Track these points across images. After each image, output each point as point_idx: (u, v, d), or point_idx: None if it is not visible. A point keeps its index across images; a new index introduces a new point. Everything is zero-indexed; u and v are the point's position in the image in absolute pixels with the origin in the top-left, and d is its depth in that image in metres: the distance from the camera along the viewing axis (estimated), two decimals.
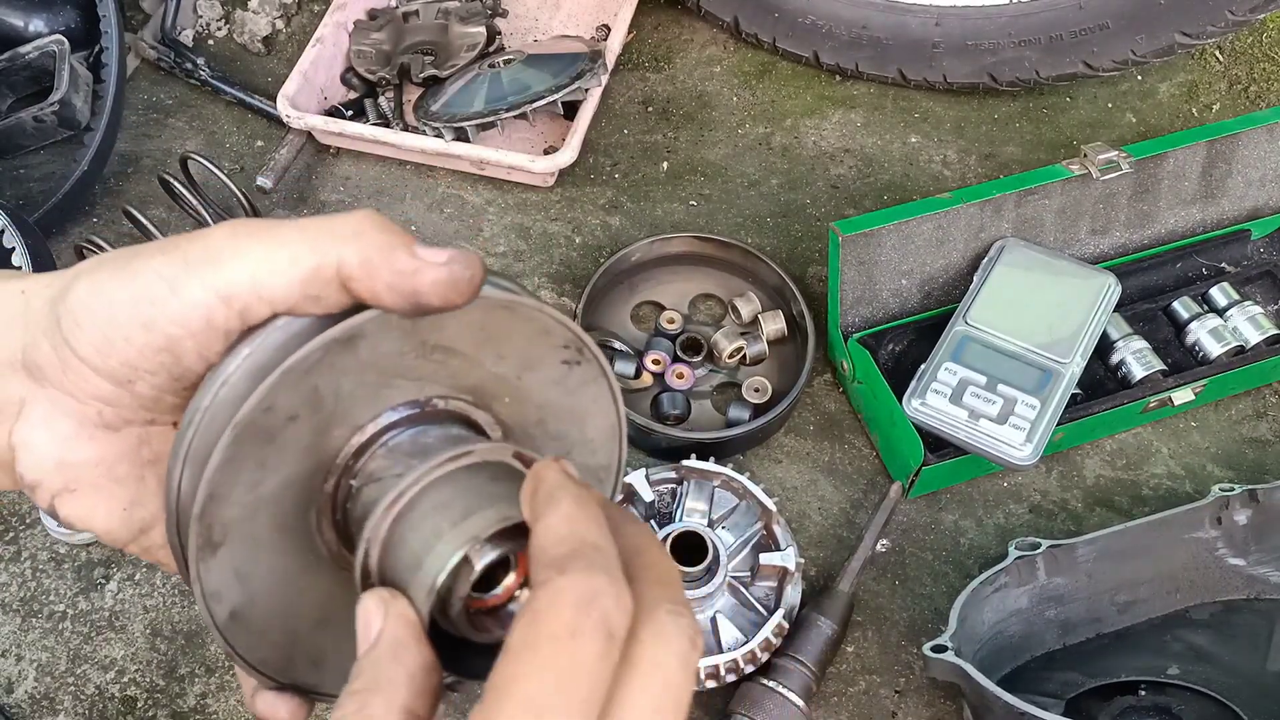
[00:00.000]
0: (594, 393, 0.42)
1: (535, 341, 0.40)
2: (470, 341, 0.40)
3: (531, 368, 0.41)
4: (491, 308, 0.39)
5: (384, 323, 0.37)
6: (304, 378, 0.36)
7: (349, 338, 0.36)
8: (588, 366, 0.41)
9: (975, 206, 0.97)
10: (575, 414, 0.42)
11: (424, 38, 1.23)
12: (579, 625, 0.32)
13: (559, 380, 0.41)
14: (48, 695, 0.89)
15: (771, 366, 1.04)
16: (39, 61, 1.13)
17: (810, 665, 0.85)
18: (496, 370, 0.40)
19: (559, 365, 0.41)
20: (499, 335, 0.40)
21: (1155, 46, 1.10)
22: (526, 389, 0.41)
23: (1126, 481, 0.99)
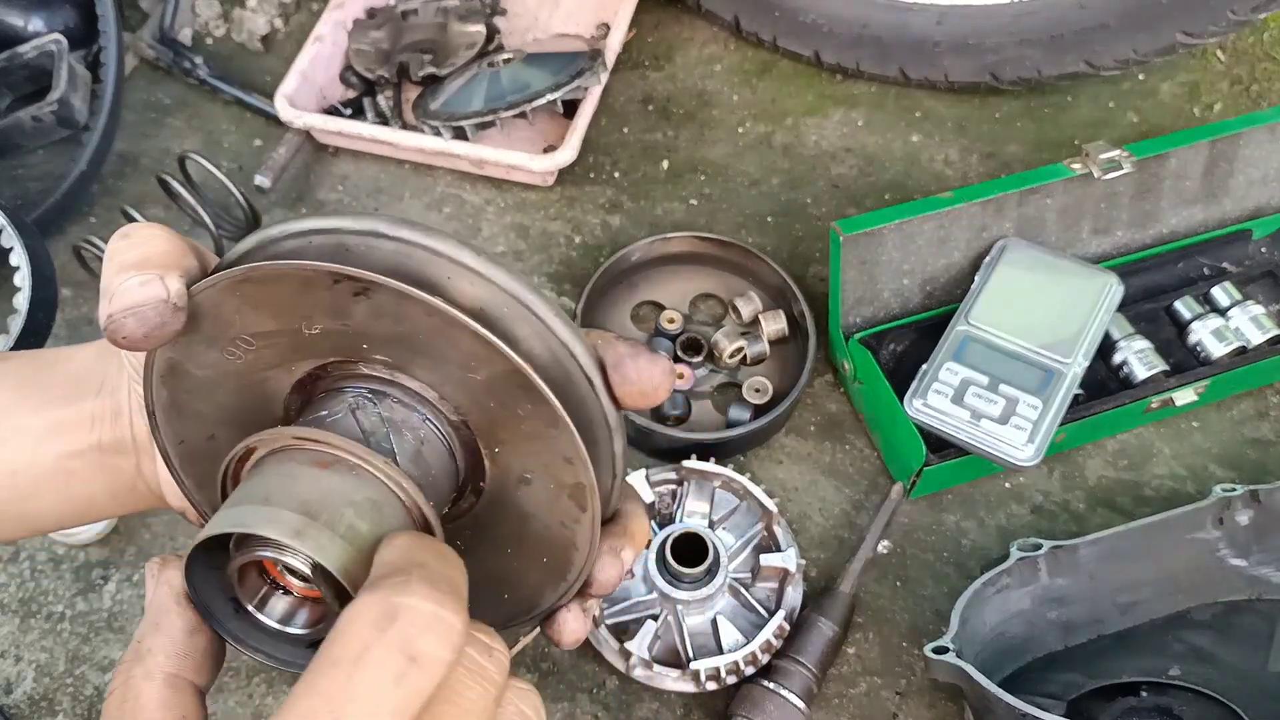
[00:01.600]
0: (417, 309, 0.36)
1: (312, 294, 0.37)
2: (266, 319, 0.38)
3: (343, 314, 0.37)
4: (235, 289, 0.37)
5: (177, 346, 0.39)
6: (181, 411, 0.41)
7: (168, 369, 0.40)
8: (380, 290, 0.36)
9: (977, 206, 0.96)
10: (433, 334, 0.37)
11: (423, 36, 1.22)
12: (367, 648, 0.30)
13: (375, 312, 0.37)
14: (46, 696, 0.88)
15: (772, 367, 1.04)
16: (37, 61, 1.13)
17: (811, 667, 0.85)
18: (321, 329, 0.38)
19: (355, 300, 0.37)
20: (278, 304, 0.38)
21: (1157, 46, 1.10)
22: (363, 330, 0.38)
23: (1128, 482, 0.99)
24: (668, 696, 0.88)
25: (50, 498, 0.47)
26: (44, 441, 0.46)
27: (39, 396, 0.47)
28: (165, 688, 0.35)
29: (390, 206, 1.16)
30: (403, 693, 0.30)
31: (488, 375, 0.37)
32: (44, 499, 0.47)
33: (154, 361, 0.40)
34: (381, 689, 0.30)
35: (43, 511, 0.48)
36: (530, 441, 0.39)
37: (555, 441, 0.38)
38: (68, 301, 1.09)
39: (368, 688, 0.30)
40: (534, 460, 0.39)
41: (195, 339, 0.39)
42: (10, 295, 0.90)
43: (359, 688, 0.30)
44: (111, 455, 0.46)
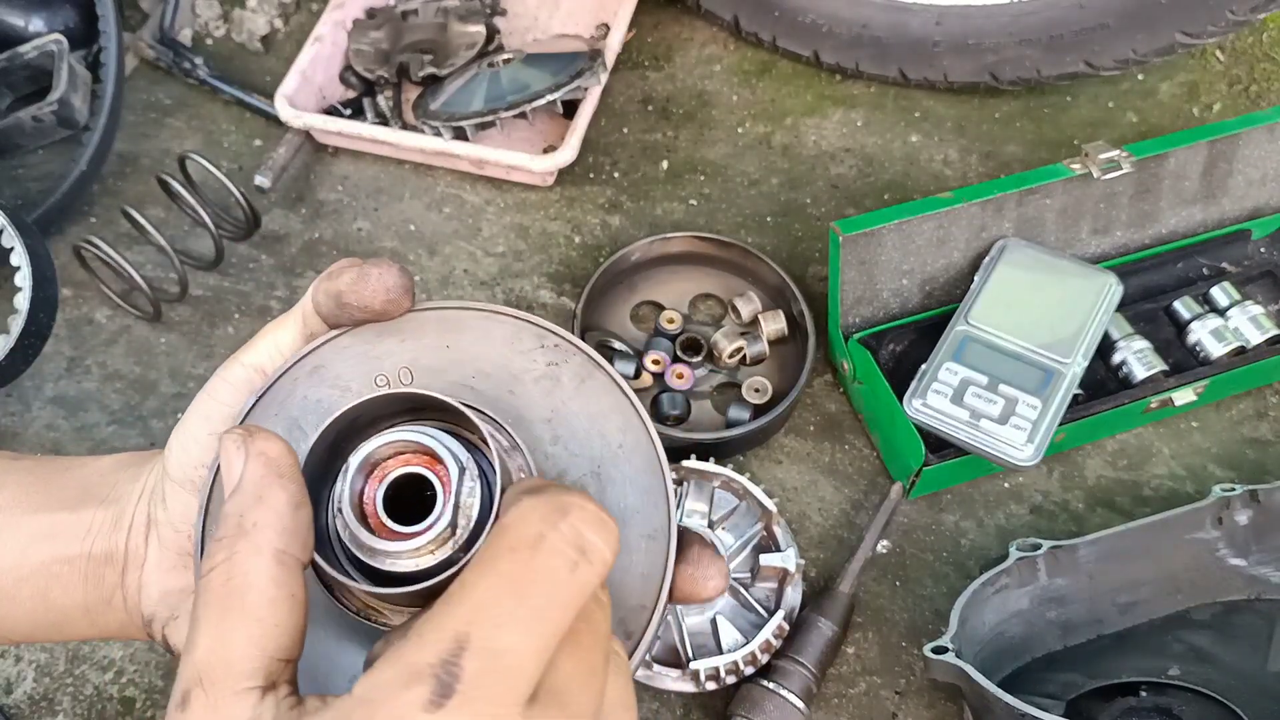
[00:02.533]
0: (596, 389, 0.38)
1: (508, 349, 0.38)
2: (439, 360, 0.39)
3: (518, 379, 0.39)
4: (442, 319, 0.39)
5: (343, 350, 0.40)
6: (280, 410, 0.41)
7: (313, 367, 0.41)
8: (576, 362, 0.38)
9: (976, 206, 0.97)
10: (588, 419, 0.39)
11: (423, 36, 1.22)
12: (543, 536, 0.31)
13: (552, 387, 0.38)
14: (46, 696, 0.88)
15: (771, 367, 1.04)
16: (38, 61, 1.13)
17: (811, 667, 0.85)
18: (483, 388, 0.39)
19: (545, 368, 0.38)
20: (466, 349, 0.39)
21: (1156, 46, 1.10)
22: (523, 404, 0.39)
23: (1128, 482, 0.99)
24: (667, 696, 0.88)
25: (27, 604, 0.47)
26: (35, 543, 0.46)
27: (42, 498, 0.47)
28: (275, 564, 0.34)
29: (390, 207, 1.16)
30: (577, 582, 0.31)
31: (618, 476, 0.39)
32: (21, 604, 0.47)
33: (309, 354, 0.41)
34: (559, 575, 0.31)
35: (17, 617, 0.47)
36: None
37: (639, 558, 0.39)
38: (68, 301, 1.09)
39: (547, 572, 0.30)
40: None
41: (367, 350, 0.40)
42: (11, 295, 0.90)
43: (539, 572, 0.30)
44: (99, 564, 0.46)
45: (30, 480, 0.48)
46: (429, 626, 0.30)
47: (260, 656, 0.33)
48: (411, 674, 0.29)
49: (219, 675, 0.32)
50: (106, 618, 0.47)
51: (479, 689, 0.29)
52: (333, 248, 1.13)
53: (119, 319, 1.08)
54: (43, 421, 1.02)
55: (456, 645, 0.29)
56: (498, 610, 0.30)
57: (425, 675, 0.29)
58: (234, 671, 0.32)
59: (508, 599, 0.30)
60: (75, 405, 1.03)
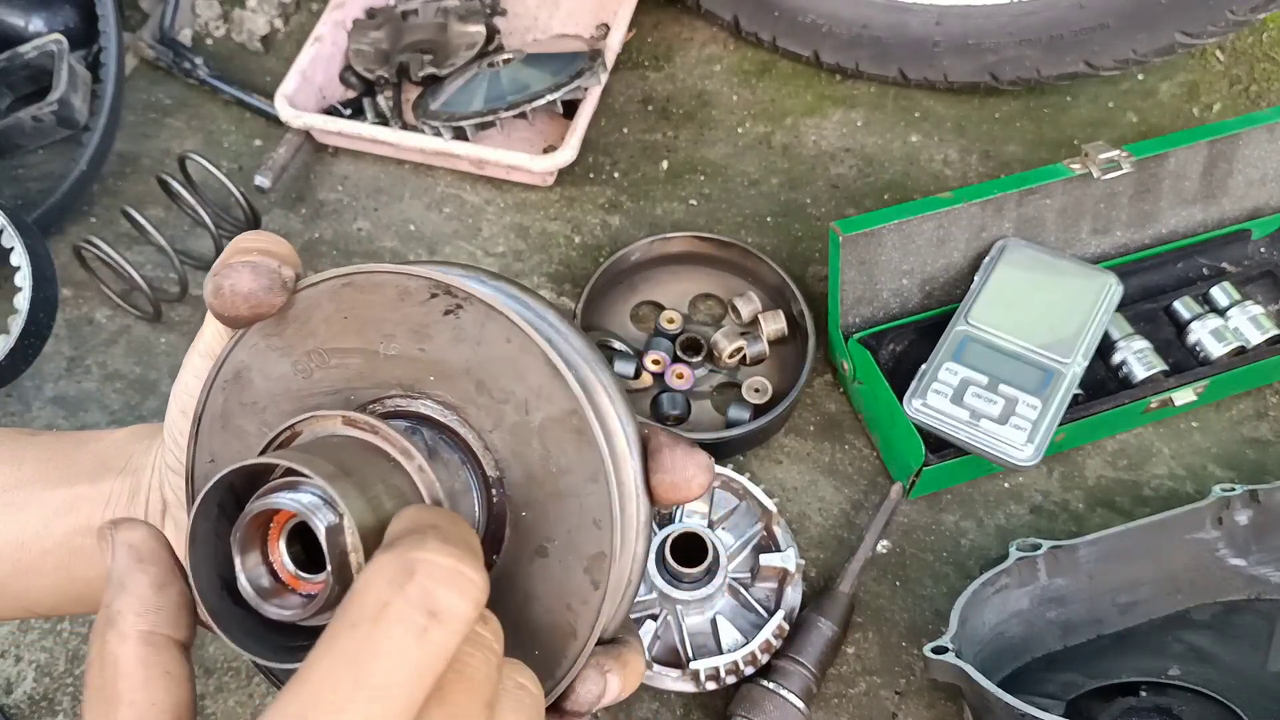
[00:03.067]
0: (500, 332, 0.37)
1: (404, 307, 0.37)
2: (349, 334, 0.39)
3: (424, 335, 0.38)
4: (335, 293, 0.38)
5: (254, 349, 0.40)
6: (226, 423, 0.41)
7: (234, 374, 0.40)
8: (471, 306, 0.37)
9: (976, 206, 0.97)
10: (503, 364, 0.37)
11: (423, 36, 1.22)
12: (387, 604, 0.29)
13: (456, 336, 0.37)
14: (46, 696, 0.88)
15: (771, 366, 1.04)
16: (38, 61, 1.13)
17: (811, 667, 0.85)
18: (397, 351, 0.38)
19: (443, 319, 0.37)
20: (367, 316, 0.38)
21: (1156, 46, 1.10)
22: (436, 359, 0.38)
23: (1128, 482, 0.99)
24: (667, 696, 0.88)
25: (51, 576, 0.47)
26: (58, 515, 0.47)
27: (62, 472, 0.48)
28: (142, 645, 0.34)
29: (390, 207, 1.16)
30: (427, 650, 0.29)
31: (543, 417, 0.37)
32: (45, 576, 0.47)
33: (224, 361, 0.41)
34: (405, 646, 0.29)
35: (42, 589, 0.48)
36: (562, 501, 0.38)
37: (589, 500, 0.37)
38: (68, 302, 1.09)
39: (390, 645, 0.28)
40: (559, 525, 0.38)
41: (274, 342, 0.40)
42: (11, 295, 0.90)
43: (381, 645, 0.28)
44: None
45: (49, 455, 0.49)
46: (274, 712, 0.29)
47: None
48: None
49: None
50: None
51: None
52: (333, 248, 1.13)
53: (119, 319, 1.08)
54: (43, 421, 1.02)
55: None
56: (335, 696, 0.28)
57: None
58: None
59: (345, 681, 0.28)
60: (75, 405, 1.03)
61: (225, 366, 0.41)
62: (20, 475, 0.48)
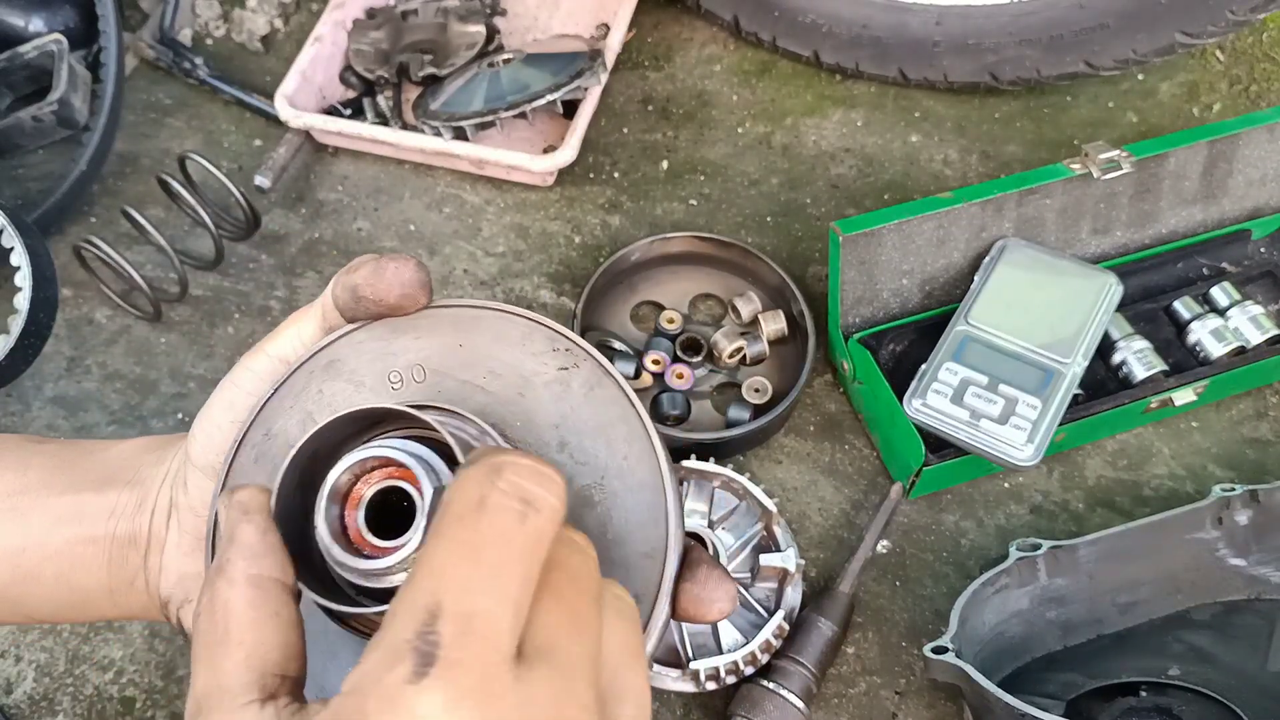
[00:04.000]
0: (604, 397, 0.38)
1: (520, 351, 0.38)
2: (459, 363, 0.39)
3: (529, 382, 0.38)
4: (459, 320, 0.39)
5: (358, 346, 0.40)
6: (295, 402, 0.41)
7: (327, 363, 0.41)
8: (587, 368, 0.38)
9: (976, 206, 0.97)
10: (595, 428, 0.38)
11: (423, 36, 1.22)
12: (484, 498, 0.31)
13: (561, 392, 0.38)
14: (46, 696, 0.88)
15: (771, 366, 1.04)
16: (38, 61, 1.13)
17: (811, 667, 0.85)
18: (493, 389, 0.39)
19: (556, 373, 0.38)
20: (483, 351, 0.38)
21: (1156, 46, 1.10)
22: (532, 407, 0.38)
23: (1128, 482, 0.99)
24: (667, 696, 0.88)
25: (50, 584, 0.47)
26: (60, 523, 0.47)
27: (67, 480, 0.48)
28: (250, 588, 0.35)
29: (390, 207, 1.16)
30: (529, 532, 0.31)
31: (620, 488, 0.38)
32: (44, 584, 0.47)
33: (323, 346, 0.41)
34: (510, 529, 0.31)
35: (41, 597, 0.48)
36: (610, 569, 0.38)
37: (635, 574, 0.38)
38: (68, 302, 1.09)
39: (497, 530, 0.30)
40: None
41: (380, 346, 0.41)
42: (11, 295, 0.90)
43: (489, 531, 0.30)
44: (123, 546, 0.47)
45: (56, 463, 0.49)
46: (398, 608, 0.30)
47: (249, 674, 0.33)
48: (391, 654, 0.29)
49: (215, 700, 0.33)
50: (129, 599, 0.48)
51: (459, 653, 0.29)
52: (333, 247, 1.13)
53: (119, 319, 1.08)
54: (43, 421, 1.02)
55: (428, 616, 0.29)
56: (457, 575, 0.30)
57: (404, 652, 0.29)
58: (228, 693, 0.33)
59: (464, 563, 0.30)
60: (75, 405, 1.03)
61: (322, 353, 0.41)
62: (25, 481, 0.48)
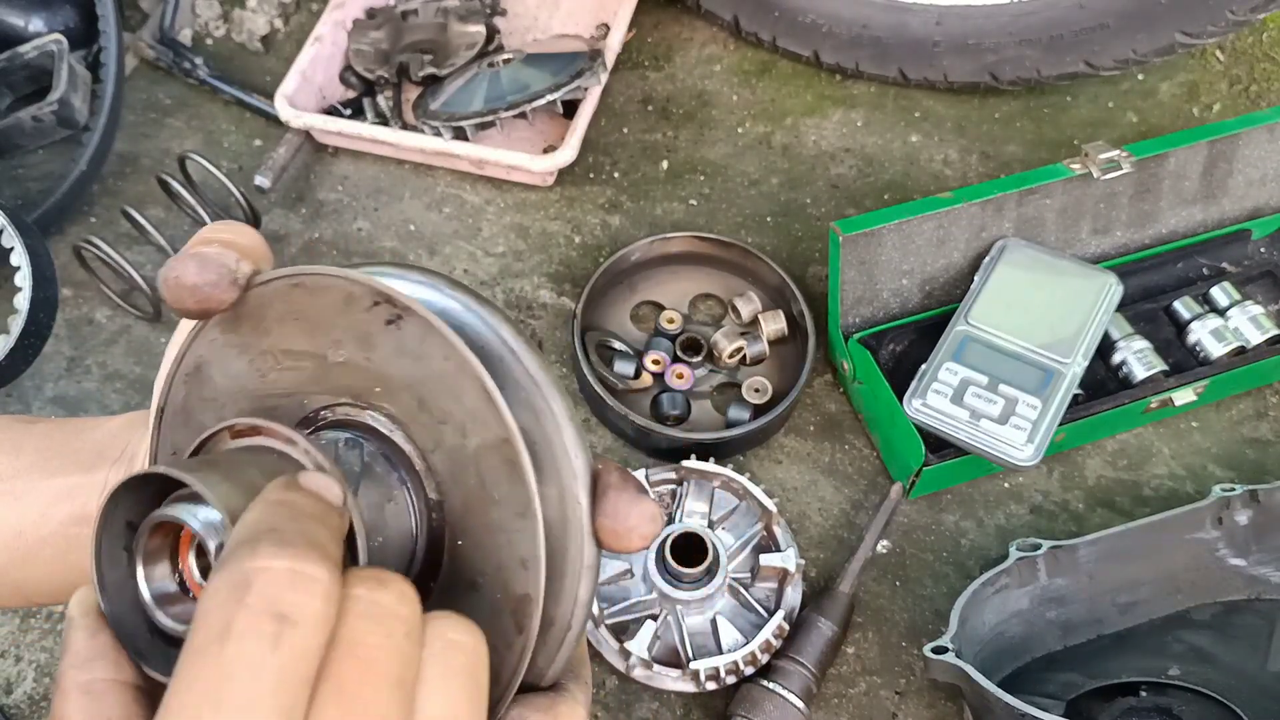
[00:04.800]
0: (439, 348, 0.35)
1: (350, 314, 0.36)
2: (301, 336, 0.37)
3: (369, 344, 0.36)
4: (285, 294, 0.37)
5: (213, 344, 0.39)
6: (187, 419, 0.40)
7: (194, 367, 0.40)
8: (411, 319, 0.35)
9: (976, 206, 0.97)
10: (441, 382, 0.35)
11: (423, 36, 1.22)
12: (229, 622, 0.27)
13: (399, 348, 0.36)
14: (47, 696, 0.88)
15: (771, 366, 1.04)
16: (38, 61, 1.13)
17: (810, 667, 0.85)
18: (345, 359, 0.37)
19: (385, 329, 0.36)
20: (317, 319, 0.37)
21: (1156, 46, 1.10)
22: (381, 370, 0.36)
23: (1128, 482, 0.99)
24: (667, 696, 0.88)
25: (48, 565, 0.47)
26: (55, 504, 0.47)
27: (59, 461, 0.48)
28: (81, 697, 0.33)
29: (390, 207, 1.16)
30: (284, 655, 0.27)
31: (479, 443, 0.35)
32: (42, 565, 0.47)
33: (184, 354, 0.40)
34: (260, 657, 0.27)
35: (39, 578, 0.48)
36: (493, 535, 0.36)
37: (517, 538, 0.35)
38: (68, 301, 1.09)
39: (244, 660, 0.27)
40: (490, 560, 0.36)
41: (231, 339, 0.39)
42: (11, 295, 0.90)
43: (233, 664, 0.27)
44: None
45: (47, 444, 0.49)
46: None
47: None
48: None
49: None
50: None
51: None
52: (333, 247, 1.13)
53: (119, 319, 1.08)
54: None
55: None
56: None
57: None
58: None
59: (206, 710, 0.26)
60: (75, 405, 1.03)
61: (186, 359, 0.40)
62: (18, 464, 0.48)
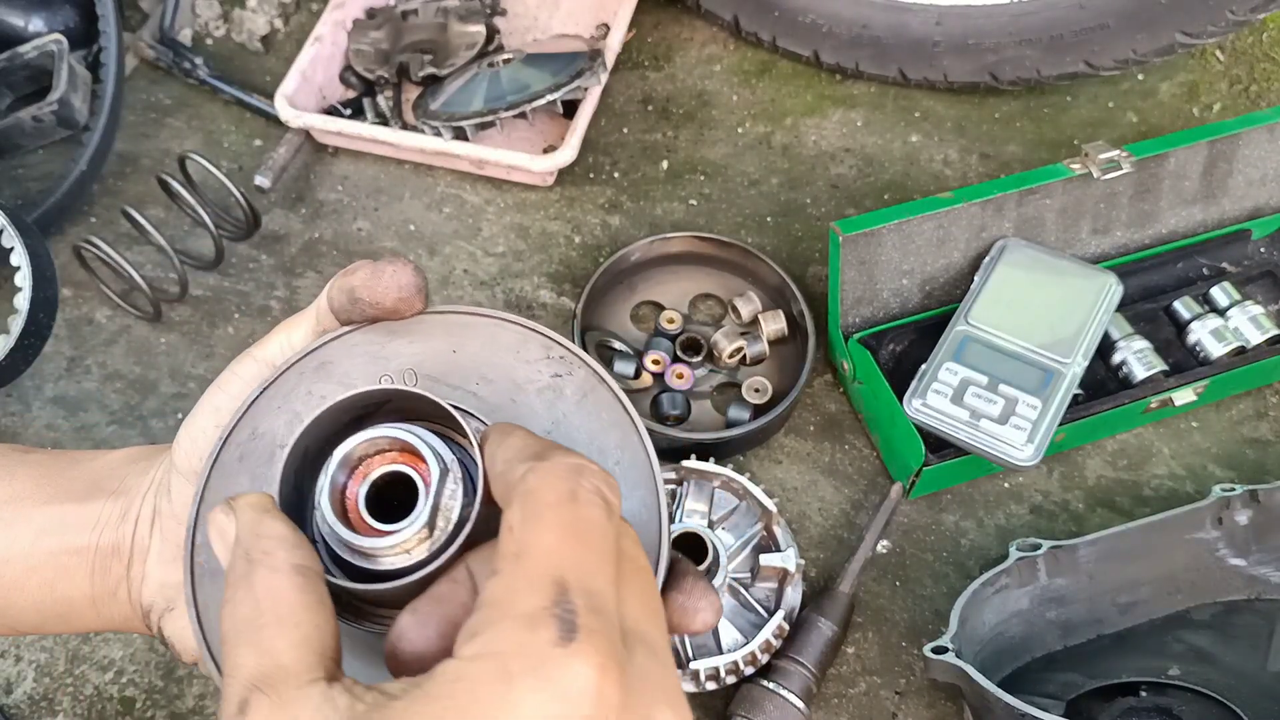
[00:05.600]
0: (598, 403, 0.38)
1: (513, 358, 0.38)
2: (445, 364, 0.39)
3: (521, 389, 0.38)
4: (451, 327, 0.39)
5: (351, 348, 0.40)
6: (284, 403, 0.40)
7: (319, 364, 0.40)
8: (581, 374, 0.38)
9: (976, 206, 0.97)
10: (588, 434, 0.38)
11: (423, 36, 1.22)
12: (576, 491, 0.33)
13: (555, 398, 0.38)
14: (46, 696, 0.88)
15: (771, 366, 1.04)
16: (38, 61, 1.13)
17: (811, 667, 0.85)
18: (485, 394, 0.38)
19: (549, 379, 0.38)
20: (478, 359, 0.38)
21: (1156, 46, 1.10)
22: (524, 413, 0.38)
23: (1128, 482, 0.99)
24: None
25: (35, 594, 0.47)
26: (45, 534, 0.47)
27: (53, 490, 0.48)
28: (297, 575, 0.34)
29: (390, 207, 1.16)
30: (613, 526, 0.33)
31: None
32: (29, 594, 0.47)
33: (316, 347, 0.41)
34: (601, 521, 0.33)
35: (24, 607, 0.48)
36: None
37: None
38: (68, 301, 1.09)
39: (592, 520, 0.33)
40: None
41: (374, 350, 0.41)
42: (11, 295, 0.90)
43: (584, 519, 0.32)
44: (106, 556, 0.47)
45: (41, 473, 0.49)
46: (515, 581, 0.31)
47: (310, 655, 0.33)
48: (528, 621, 0.30)
49: (277, 678, 0.32)
50: (112, 609, 0.48)
51: (596, 624, 0.31)
52: (333, 248, 1.13)
53: (119, 319, 1.08)
54: (43, 421, 1.02)
55: (558, 590, 0.31)
56: (573, 555, 0.32)
57: (544, 618, 0.30)
58: (292, 671, 0.32)
59: (576, 546, 0.32)
60: (75, 405, 1.03)
61: (314, 354, 0.41)
62: (10, 491, 0.48)
